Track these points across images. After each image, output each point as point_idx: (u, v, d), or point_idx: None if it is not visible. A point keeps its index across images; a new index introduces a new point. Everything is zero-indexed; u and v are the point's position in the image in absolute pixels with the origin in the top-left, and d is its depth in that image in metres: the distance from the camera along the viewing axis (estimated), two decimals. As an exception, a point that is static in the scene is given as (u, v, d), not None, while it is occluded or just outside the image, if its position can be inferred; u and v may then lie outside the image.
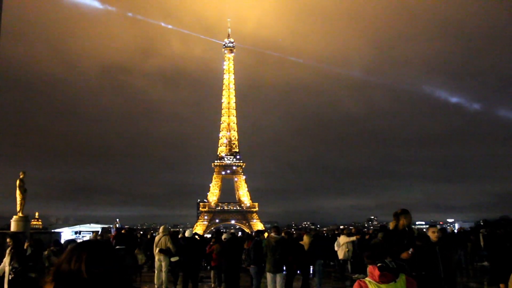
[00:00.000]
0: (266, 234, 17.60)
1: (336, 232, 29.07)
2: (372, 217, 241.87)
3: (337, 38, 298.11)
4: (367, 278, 4.70)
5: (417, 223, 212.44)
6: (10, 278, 10.96)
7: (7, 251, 12.06)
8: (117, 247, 14.07)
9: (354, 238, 19.66)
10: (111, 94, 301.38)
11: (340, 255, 19.32)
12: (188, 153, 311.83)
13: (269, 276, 12.52)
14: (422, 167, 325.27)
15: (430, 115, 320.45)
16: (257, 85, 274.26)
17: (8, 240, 12.35)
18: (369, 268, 4.73)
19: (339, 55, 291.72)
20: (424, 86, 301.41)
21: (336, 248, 19.64)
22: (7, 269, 11.77)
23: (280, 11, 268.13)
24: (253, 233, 19.72)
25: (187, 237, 15.29)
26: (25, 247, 11.74)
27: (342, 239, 19.40)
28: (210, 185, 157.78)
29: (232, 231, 22.02)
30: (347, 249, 19.04)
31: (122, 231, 17.76)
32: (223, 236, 16.37)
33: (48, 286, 2.45)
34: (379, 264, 4.60)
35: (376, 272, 4.58)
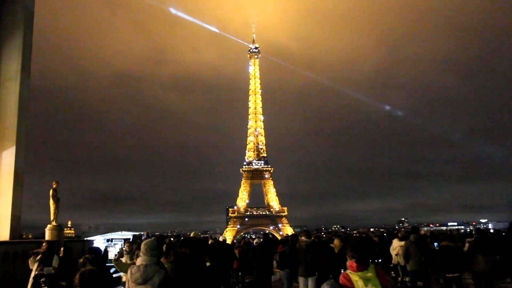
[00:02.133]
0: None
1: (363, 235, 28.68)
2: (403, 219, 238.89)
3: (347, 41, 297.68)
4: (348, 270, 6.03)
5: (448, 224, 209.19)
6: (41, 285, 11.09)
7: (37, 257, 12.18)
8: None
9: (402, 242, 17.28)
10: (127, 103, 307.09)
11: (394, 259, 18.01)
12: (214, 159, 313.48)
13: (301, 280, 12.48)
14: (448, 167, 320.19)
15: (449, 114, 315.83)
16: (273, 89, 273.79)
17: (44, 244, 12.47)
18: (348, 263, 6.13)
19: (350, 57, 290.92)
20: (438, 83, 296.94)
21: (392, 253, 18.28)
22: (32, 274, 11.91)
23: (290, 16, 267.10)
24: (288, 237, 19.52)
25: (220, 241, 15.42)
26: (60, 255, 11.89)
27: (395, 243, 17.76)
28: (239, 190, 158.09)
29: (269, 236, 21.96)
30: (396, 254, 17.49)
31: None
32: (255, 241, 16.43)
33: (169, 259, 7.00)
34: (356, 259, 6.00)
35: (354, 264, 5.96)
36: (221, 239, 15.82)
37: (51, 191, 21.81)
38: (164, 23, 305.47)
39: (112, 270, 12.74)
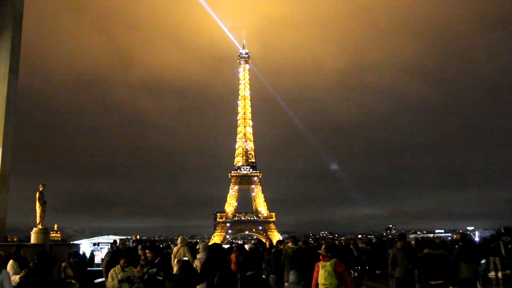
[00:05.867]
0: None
1: (351, 242, 28.66)
2: (391, 225, 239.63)
3: (309, 46, 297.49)
4: (321, 262, 9.70)
5: (436, 231, 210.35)
6: None
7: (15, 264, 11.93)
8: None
9: None
10: (96, 106, 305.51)
11: None
12: (199, 164, 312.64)
13: (287, 286, 12.46)
14: (431, 174, 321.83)
15: (420, 120, 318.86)
16: (262, 93, 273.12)
17: (22, 250, 12.20)
18: (321, 256, 9.86)
19: (313, 63, 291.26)
20: (407, 89, 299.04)
21: None
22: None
23: (251, 23, 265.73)
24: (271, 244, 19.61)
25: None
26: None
27: None
28: (227, 195, 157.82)
29: (255, 242, 22.14)
30: None
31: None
32: (248, 246, 16.42)
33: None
34: (323, 255, 9.78)
35: (321, 257, 9.74)
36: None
37: (37, 194, 21.62)
38: (125, 27, 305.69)
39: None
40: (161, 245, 26.71)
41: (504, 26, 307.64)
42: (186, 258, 12.91)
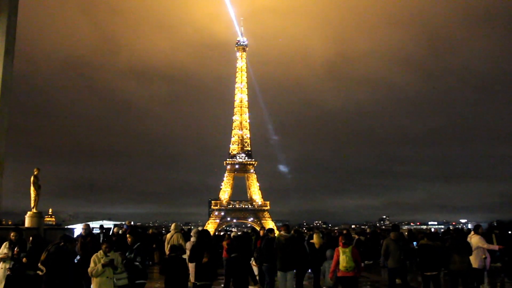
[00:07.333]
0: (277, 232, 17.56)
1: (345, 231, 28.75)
2: (384, 216, 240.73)
3: (296, 36, 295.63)
4: (340, 247, 11.05)
5: (429, 223, 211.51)
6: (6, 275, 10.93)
7: (8, 246, 11.88)
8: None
9: (496, 247, 15.37)
10: (84, 92, 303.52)
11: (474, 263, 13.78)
12: (197, 151, 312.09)
13: (279, 274, 12.53)
14: (423, 166, 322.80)
15: (412, 112, 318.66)
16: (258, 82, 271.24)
17: (12, 234, 12.10)
18: (340, 243, 11.13)
19: (301, 53, 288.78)
20: (396, 80, 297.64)
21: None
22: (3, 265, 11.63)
23: (238, 11, 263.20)
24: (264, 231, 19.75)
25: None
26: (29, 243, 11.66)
27: (477, 240, 14.25)
28: (222, 183, 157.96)
29: (247, 230, 22.25)
30: (484, 256, 14.27)
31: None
32: (232, 234, 16.49)
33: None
34: (344, 242, 11.02)
35: (341, 244, 10.99)
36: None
37: (32, 178, 21.59)
38: (112, 12, 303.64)
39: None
40: (153, 231, 26.71)
41: (494, 19, 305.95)
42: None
